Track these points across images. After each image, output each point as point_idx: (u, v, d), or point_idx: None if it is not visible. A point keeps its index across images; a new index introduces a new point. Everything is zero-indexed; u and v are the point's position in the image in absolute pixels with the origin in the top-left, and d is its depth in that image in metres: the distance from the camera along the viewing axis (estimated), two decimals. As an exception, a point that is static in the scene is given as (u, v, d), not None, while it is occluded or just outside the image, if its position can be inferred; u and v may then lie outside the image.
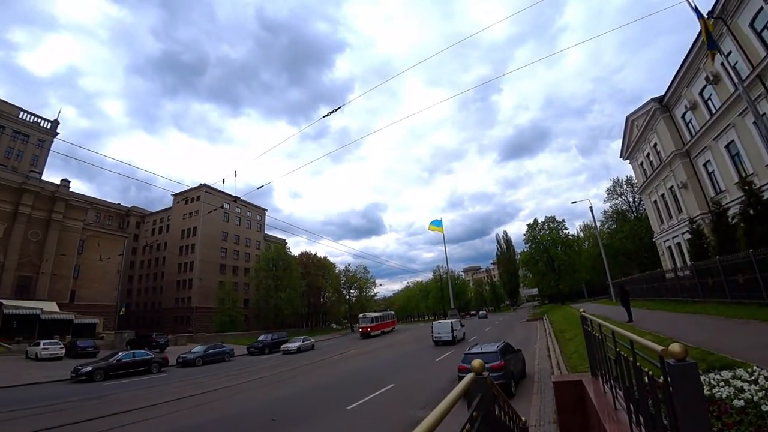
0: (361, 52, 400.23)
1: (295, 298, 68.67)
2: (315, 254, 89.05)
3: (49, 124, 59.82)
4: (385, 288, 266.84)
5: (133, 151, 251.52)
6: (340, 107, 15.61)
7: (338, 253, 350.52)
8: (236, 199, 24.71)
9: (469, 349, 15.55)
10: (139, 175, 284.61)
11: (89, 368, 22.41)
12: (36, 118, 59.36)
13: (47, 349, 32.14)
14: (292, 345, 38.37)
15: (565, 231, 67.81)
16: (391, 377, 17.96)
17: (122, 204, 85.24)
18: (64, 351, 33.06)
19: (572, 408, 6.55)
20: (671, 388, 2.31)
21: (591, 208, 46.02)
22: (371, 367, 22.89)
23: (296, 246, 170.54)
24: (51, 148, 57.70)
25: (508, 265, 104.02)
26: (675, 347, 2.22)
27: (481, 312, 71.32)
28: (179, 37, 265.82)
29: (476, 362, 2.83)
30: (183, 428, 11.34)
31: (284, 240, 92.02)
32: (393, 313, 66.03)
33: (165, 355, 29.03)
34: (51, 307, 45.76)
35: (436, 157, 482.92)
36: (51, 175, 53.93)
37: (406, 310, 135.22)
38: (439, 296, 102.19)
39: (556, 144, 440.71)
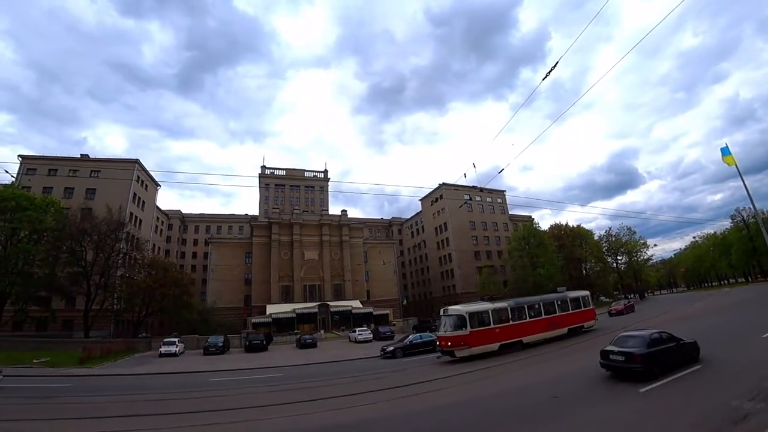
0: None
1: (554, 273, 65.74)
2: (566, 224, 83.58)
3: (323, 174, 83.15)
4: (660, 248, 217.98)
5: (375, 173, 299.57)
6: (555, 65, 12.99)
7: (590, 217, 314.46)
8: (481, 189, 27.54)
9: None
10: (387, 191, 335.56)
11: (392, 348, 28.62)
12: (314, 173, 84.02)
13: (361, 334, 43.62)
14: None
15: None
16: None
17: (384, 218, 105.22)
18: (371, 335, 44.15)
19: None
20: None
21: None
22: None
23: (542, 220, 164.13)
24: (328, 190, 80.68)
25: None
26: None
27: None
28: (375, 69, 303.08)
29: None
30: (475, 398, 12.33)
31: (530, 216, 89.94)
32: (585, 293, 30.73)
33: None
34: (356, 304, 61.66)
35: (688, 67, 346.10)
36: (333, 209, 76.12)
37: (698, 273, 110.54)
38: (748, 248, 75.56)
39: None
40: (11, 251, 40.19)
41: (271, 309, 58.06)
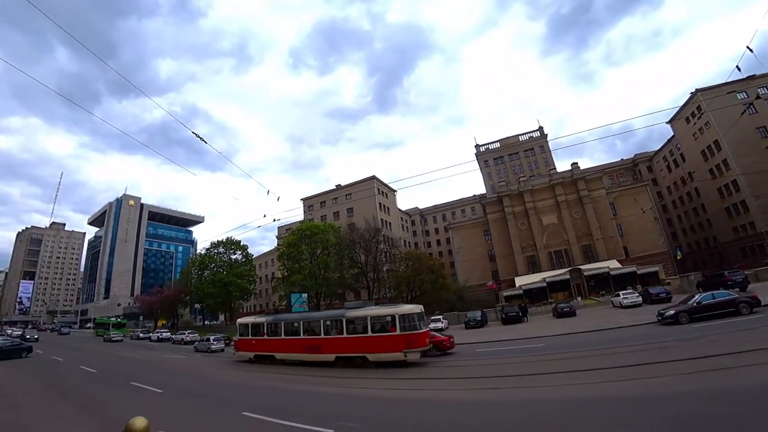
0: None
1: None
2: None
3: (538, 132, 78.05)
4: None
5: (593, 112, 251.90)
6: None
7: None
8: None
9: None
10: (614, 129, 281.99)
11: (672, 311, 23.85)
12: (529, 135, 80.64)
13: (627, 298, 38.21)
14: None
15: None
16: None
17: (623, 159, 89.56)
18: (640, 298, 38.34)
19: None
20: None
21: None
22: None
23: None
24: (549, 148, 74.87)
25: None
26: None
27: None
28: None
29: None
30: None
31: None
32: (397, 311, 19.42)
33: (753, 294, 25.13)
34: (614, 264, 54.57)
35: None
36: (560, 166, 70.27)
37: None
38: None
39: None
40: (315, 264, 57.26)
41: (519, 281, 58.38)
